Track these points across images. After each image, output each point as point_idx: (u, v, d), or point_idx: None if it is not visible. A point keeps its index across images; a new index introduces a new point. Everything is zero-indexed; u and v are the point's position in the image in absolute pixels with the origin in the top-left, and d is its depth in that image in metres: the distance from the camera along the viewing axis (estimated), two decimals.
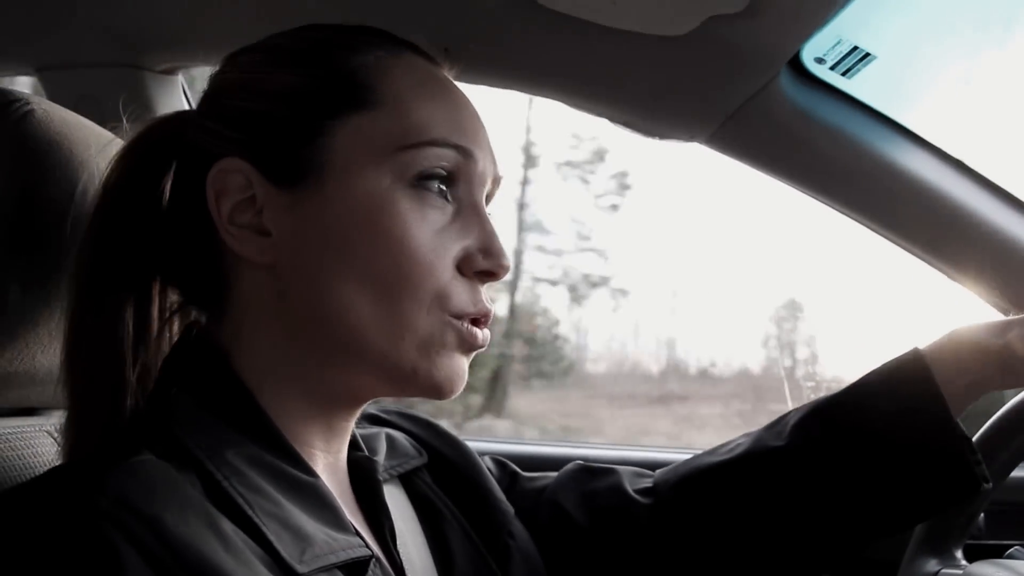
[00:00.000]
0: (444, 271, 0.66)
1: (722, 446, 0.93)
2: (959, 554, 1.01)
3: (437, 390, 0.67)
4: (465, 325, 0.67)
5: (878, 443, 0.84)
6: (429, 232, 0.66)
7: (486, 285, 0.70)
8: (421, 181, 0.66)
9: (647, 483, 0.92)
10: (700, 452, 0.94)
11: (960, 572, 0.93)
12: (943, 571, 0.96)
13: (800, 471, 0.86)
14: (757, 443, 0.89)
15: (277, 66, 0.68)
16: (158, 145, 0.70)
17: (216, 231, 0.66)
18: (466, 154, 0.68)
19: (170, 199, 0.70)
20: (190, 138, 0.69)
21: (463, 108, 0.71)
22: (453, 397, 0.69)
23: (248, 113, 0.67)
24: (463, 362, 0.69)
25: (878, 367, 0.89)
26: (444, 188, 0.68)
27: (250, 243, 0.66)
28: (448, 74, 0.74)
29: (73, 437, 0.66)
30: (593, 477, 0.93)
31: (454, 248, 0.67)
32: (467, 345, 0.68)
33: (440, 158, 0.67)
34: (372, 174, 0.65)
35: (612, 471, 0.94)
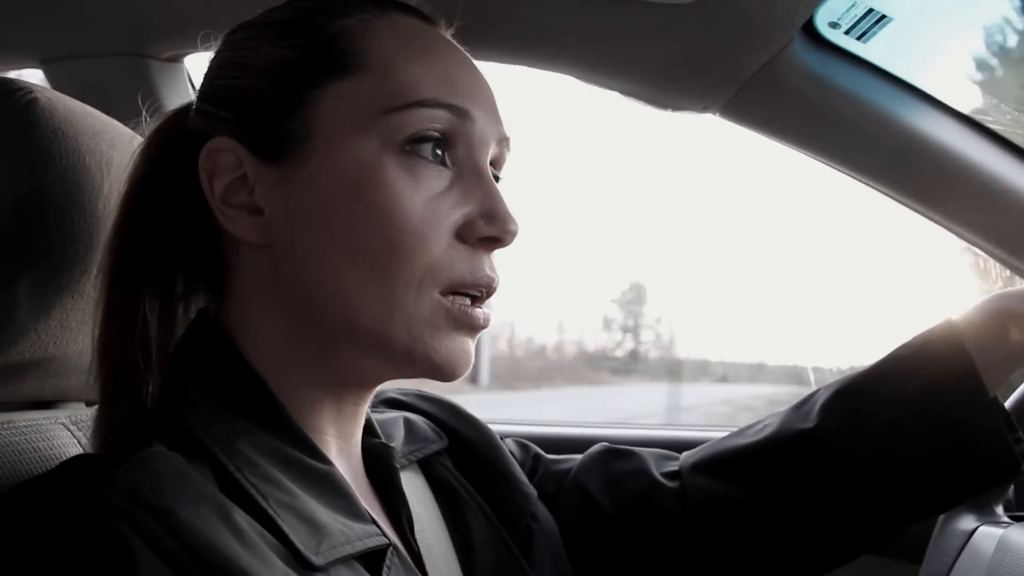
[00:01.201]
0: (438, 241, 0.63)
1: (748, 428, 0.91)
2: (999, 509, 0.98)
3: (438, 371, 0.65)
4: (458, 305, 0.64)
5: (908, 422, 0.81)
6: (421, 199, 0.63)
7: (492, 253, 0.67)
8: (412, 145, 0.63)
9: (673, 466, 0.90)
10: (726, 434, 0.92)
11: (1000, 530, 0.91)
12: (982, 527, 0.94)
13: (829, 453, 0.83)
14: (784, 425, 0.86)
15: (262, 40, 0.67)
16: (169, 139, 0.70)
17: (213, 213, 0.65)
18: (461, 114, 0.65)
19: (179, 186, 0.69)
20: (190, 124, 0.69)
21: (458, 66, 0.68)
22: (458, 378, 0.66)
23: (235, 90, 0.66)
24: (465, 343, 0.66)
25: (909, 340, 0.86)
26: (440, 152, 0.65)
27: (244, 223, 0.65)
28: (446, 33, 0.71)
29: (105, 428, 0.66)
30: (618, 459, 0.91)
31: (452, 215, 0.64)
32: (464, 326, 0.65)
33: (431, 119, 0.63)
34: (358, 142, 0.63)
35: (637, 454, 0.92)
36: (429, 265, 0.62)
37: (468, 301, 0.65)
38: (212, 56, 0.71)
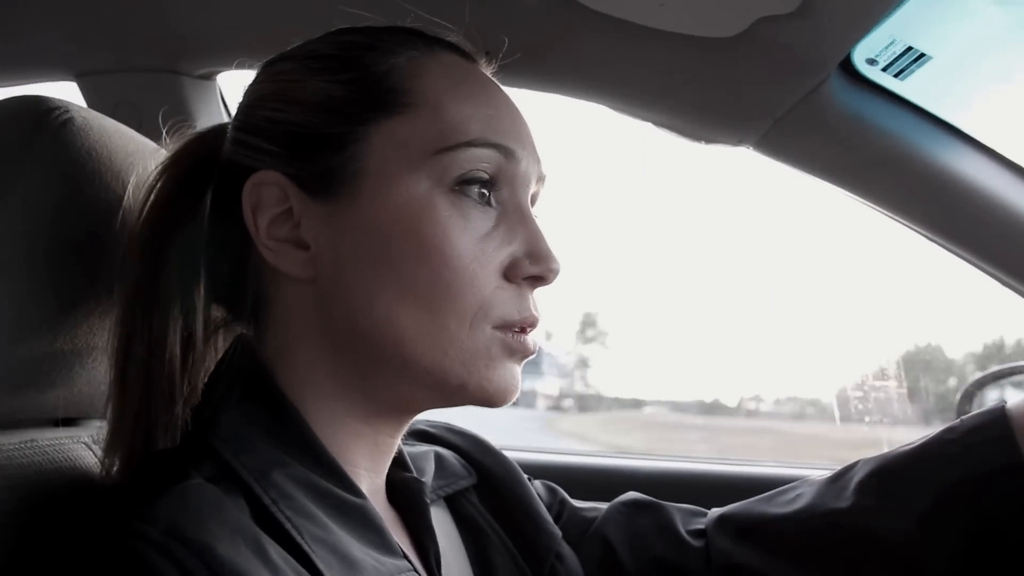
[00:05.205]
0: (488, 281, 0.63)
1: (780, 493, 0.87)
2: None
3: (490, 401, 0.65)
4: (511, 334, 0.65)
5: (945, 513, 0.76)
6: (471, 240, 0.63)
7: (536, 291, 0.67)
8: (461, 186, 0.64)
9: (699, 524, 0.88)
10: (756, 497, 0.88)
11: None
12: None
13: (860, 536, 0.79)
14: (817, 499, 0.82)
15: (309, 74, 0.67)
16: (197, 161, 0.69)
17: (255, 246, 0.65)
18: (507, 153, 0.65)
19: (211, 214, 0.69)
20: (227, 152, 0.69)
21: (502, 106, 0.68)
22: (508, 405, 0.67)
23: (281, 123, 0.66)
24: (515, 370, 0.66)
25: (957, 423, 0.80)
26: (486, 192, 0.65)
27: (289, 257, 0.65)
28: (486, 71, 0.72)
29: (118, 452, 0.66)
30: (644, 513, 0.89)
31: (499, 255, 0.65)
32: (517, 354, 0.66)
33: (480, 159, 0.64)
34: (408, 180, 0.63)
35: (664, 508, 0.90)
36: (481, 303, 0.63)
37: (518, 330, 0.66)
38: (251, 85, 0.71)
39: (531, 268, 0.65)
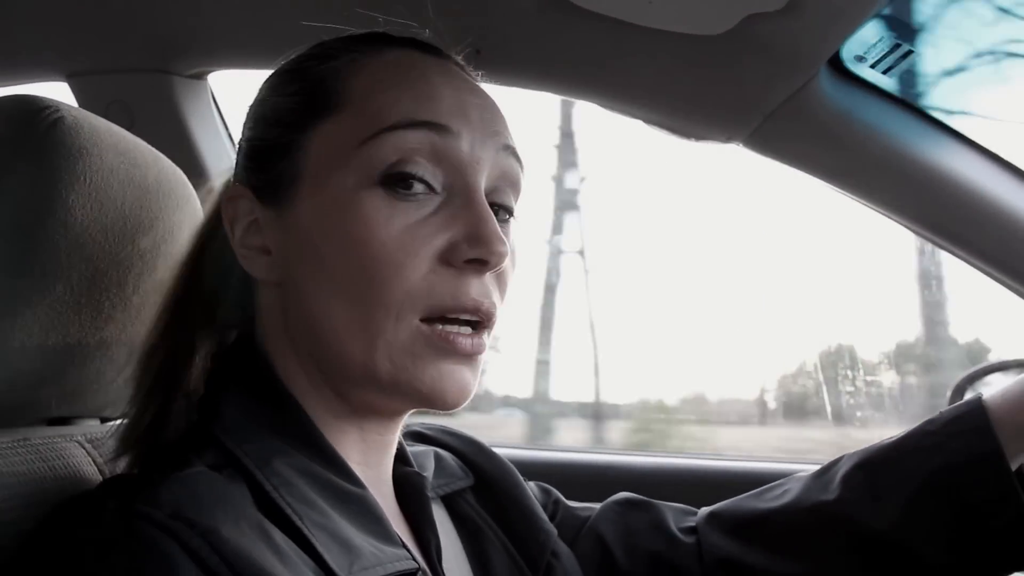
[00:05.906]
0: (417, 268, 0.62)
1: (769, 489, 0.89)
2: None
3: (427, 402, 0.65)
4: (439, 330, 0.63)
5: (926, 502, 0.78)
6: (398, 228, 0.62)
7: (486, 276, 0.65)
8: (389, 178, 0.63)
9: (690, 522, 0.90)
10: (745, 494, 0.90)
11: None
12: None
13: (846, 527, 0.81)
14: (804, 493, 0.85)
15: (272, 91, 0.71)
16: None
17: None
18: (440, 130, 0.64)
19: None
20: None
21: (443, 86, 0.66)
22: (456, 408, 0.65)
23: (250, 140, 0.71)
24: (455, 370, 0.64)
25: (937, 415, 0.83)
26: (423, 179, 0.64)
27: (257, 263, 0.68)
28: (456, 62, 0.72)
29: (131, 448, 0.68)
30: (637, 512, 0.91)
31: (434, 241, 0.63)
32: (445, 353, 0.64)
33: (406, 142, 0.63)
34: (336, 178, 0.64)
35: (656, 506, 0.92)
36: (407, 292, 0.62)
37: (456, 328, 0.64)
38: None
39: (469, 251, 0.63)
